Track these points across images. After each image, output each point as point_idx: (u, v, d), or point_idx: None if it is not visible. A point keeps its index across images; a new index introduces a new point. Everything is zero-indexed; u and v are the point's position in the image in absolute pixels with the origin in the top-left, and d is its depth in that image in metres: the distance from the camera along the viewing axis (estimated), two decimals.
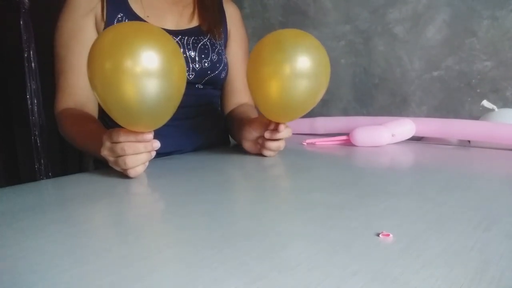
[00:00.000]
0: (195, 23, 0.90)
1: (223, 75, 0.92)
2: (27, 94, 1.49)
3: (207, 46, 0.88)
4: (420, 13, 1.23)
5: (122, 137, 0.57)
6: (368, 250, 0.32)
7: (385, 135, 0.85)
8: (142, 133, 0.57)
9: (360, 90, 1.39)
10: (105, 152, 0.59)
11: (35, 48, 1.48)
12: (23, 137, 1.54)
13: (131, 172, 0.59)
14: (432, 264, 0.29)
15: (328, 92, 1.45)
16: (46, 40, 0.83)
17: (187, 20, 0.89)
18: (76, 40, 0.79)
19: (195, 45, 0.86)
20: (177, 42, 0.84)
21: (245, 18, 1.61)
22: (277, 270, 0.29)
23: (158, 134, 0.71)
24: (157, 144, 0.60)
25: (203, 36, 0.88)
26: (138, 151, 0.58)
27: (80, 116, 0.78)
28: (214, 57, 0.88)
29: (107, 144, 0.59)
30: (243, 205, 0.47)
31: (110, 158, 0.59)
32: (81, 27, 0.79)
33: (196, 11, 0.91)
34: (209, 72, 0.87)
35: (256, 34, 1.61)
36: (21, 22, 1.46)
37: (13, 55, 1.50)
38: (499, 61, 1.12)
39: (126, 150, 0.57)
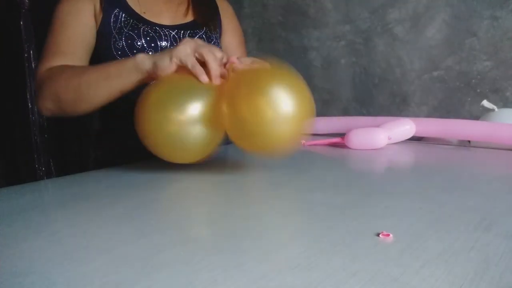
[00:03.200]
0: (190, 17, 0.92)
1: None
2: (27, 94, 1.49)
3: (203, 39, 0.88)
4: (420, 13, 1.23)
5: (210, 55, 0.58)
6: (368, 250, 0.32)
7: (381, 137, 0.82)
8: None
9: (360, 90, 1.38)
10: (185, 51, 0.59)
11: (35, 48, 1.49)
12: (23, 137, 1.54)
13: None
14: (432, 264, 0.29)
15: (328, 92, 1.45)
16: None
17: (182, 15, 0.91)
18: (73, 17, 0.79)
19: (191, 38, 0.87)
20: (173, 35, 0.85)
21: (245, 18, 1.61)
22: (277, 270, 0.29)
23: None
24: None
25: (199, 30, 0.90)
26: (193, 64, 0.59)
27: (79, 66, 0.74)
28: None
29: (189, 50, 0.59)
30: (242, 205, 0.47)
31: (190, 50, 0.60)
32: (79, 9, 0.79)
33: (191, 6, 0.93)
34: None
35: (256, 34, 1.61)
36: (21, 22, 1.46)
37: (13, 55, 1.50)
38: (499, 61, 1.12)
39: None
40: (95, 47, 0.82)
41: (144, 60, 0.63)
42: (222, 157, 0.78)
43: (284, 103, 0.52)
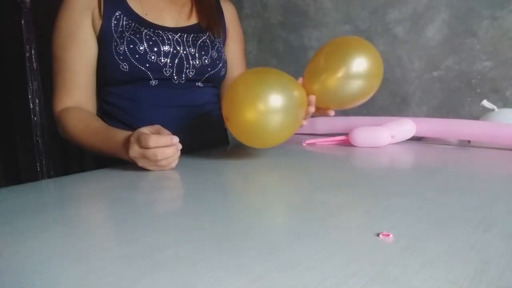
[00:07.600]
0: (194, 20, 0.90)
1: (222, 72, 0.92)
2: (29, 94, 1.48)
3: (206, 43, 0.88)
4: (420, 13, 1.23)
5: (151, 143, 0.60)
6: (368, 250, 0.32)
7: (384, 135, 0.85)
8: (170, 136, 0.62)
9: None
10: (134, 155, 0.63)
11: (37, 48, 1.48)
12: (24, 137, 1.54)
13: (166, 168, 0.65)
14: (432, 264, 0.29)
15: None
16: (48, 40, 0.83)
17: (185, 17, 0.90)
18: (72, 40, 0.79)
19: (195, 42, 0.86)
20: (176, 39, 0.84)
21: (245, 18, 1.61)
22: (277, 270, 0.29)
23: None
24: (178, 141, 0.65)
25: (202, 34, 0.89)
26: (169, 156, 0.63)
27: (82, 115, 0.79)
28: (214, 54, 0.89)
29: (136, 148, 0.62)
30: (242, 205, 0.47)
31: (141, 161, 0.63)
32: (77, 26, 0.79)
33: (194, 8, 0.92)
34: (209, 69, 0.88)
35: (256, 34, 1.61)
36: (23, 22, 1.46)
37: (14, 55, 1.50)
38: (499, 61, 1.12)
39: (158, 156, 0.61)
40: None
41: (126, 158, 0.66)
42: (222, 157, 0.78)
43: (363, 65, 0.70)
